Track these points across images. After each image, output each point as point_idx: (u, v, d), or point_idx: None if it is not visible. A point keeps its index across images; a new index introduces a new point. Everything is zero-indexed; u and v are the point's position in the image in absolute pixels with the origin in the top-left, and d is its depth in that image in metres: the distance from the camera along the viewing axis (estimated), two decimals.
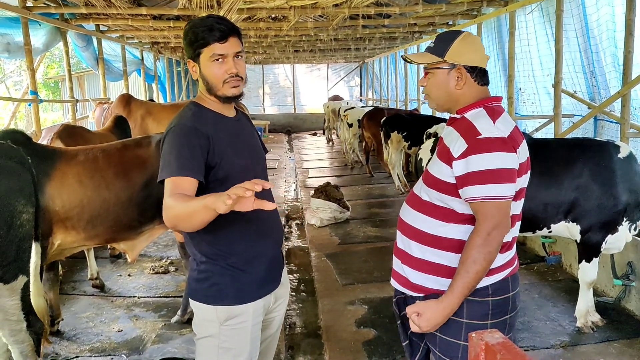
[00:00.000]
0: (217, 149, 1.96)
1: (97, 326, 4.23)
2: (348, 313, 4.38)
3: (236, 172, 1.99)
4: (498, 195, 1.78)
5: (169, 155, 1.91)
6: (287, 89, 23.29)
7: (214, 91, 2.01)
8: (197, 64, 2.00)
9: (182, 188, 1.85)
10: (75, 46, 8.74)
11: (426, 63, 1.95)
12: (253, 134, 2.25)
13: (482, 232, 1.79)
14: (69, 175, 3.54)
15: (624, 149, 3.76)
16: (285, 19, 8.86)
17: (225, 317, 2.01)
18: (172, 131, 1.96)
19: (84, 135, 5.45)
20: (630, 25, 4.89)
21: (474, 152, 1.79)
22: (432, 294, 1.92)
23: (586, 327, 3.87)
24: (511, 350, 0.93)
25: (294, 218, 8.07)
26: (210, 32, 1.93)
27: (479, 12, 8.29)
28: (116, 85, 14.16)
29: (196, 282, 2.06)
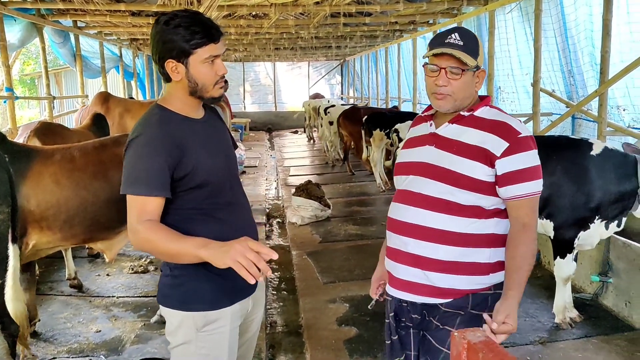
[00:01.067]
0: (189, 157, 1.86)
1: (75, 327, 4.17)
2: (329, 311, 4.37)
3: (212, 177, 1.93)
4: (539, 190, 1.90)
5: (135, 169, 1.81)
6: (268, 87, 23.21)
7: (201, 93, 1.90)
8: (183, 65, 1.84)
9: (150, 210, 1.80)
10: (52, 42, 8.59)
11: (473, 65, 1.88)
12: (223, 132, 2.14)
13: (533, 226, 1.88)
14: (45, 174, 3.47)
15: (597, 146, 3.78)
16: (265, 16, 8.82)
17: (202, 323, 1.93)
18: (139, 141, 1.84)
19: (61, 133, 5.36)
20: (607, 25, 4.95)
21: (518, 151, 1.85)
22: (462, 296, 1.92)
23: (564, 323, 3.91)
24: (493, 349, 0.93)
25: (275, 216, 8.04)
26: (207, 32, 1.82)
27: (459, 11, 8.33)
28: (94, 83, 13.96)
29: (170, 287, 1.97)
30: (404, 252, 1.98)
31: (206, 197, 1.92)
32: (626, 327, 3.93)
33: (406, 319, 2.05)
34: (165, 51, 1.83)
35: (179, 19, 1.81)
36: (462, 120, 1.95)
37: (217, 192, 1.95)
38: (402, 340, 2.10)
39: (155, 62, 1.90)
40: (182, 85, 1.89)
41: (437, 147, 1.97)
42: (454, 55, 1.87)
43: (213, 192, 1.94)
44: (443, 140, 1.97)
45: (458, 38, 1.89)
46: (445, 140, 1.96)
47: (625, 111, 5.63)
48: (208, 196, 1.93)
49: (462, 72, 1.89)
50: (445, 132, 1.98)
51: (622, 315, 4.07)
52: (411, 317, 2.03)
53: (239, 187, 2.11)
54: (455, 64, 1.88)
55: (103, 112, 7.13)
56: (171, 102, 1.94)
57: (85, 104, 9.06)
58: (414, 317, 2.02)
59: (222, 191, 1.97)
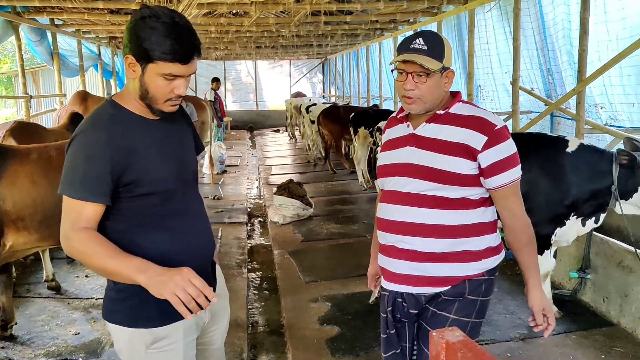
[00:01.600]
0: (138, 162, 1.72)
1: (53, 329, 4.10)
2: (311, 310, 4.36)
3: (163, 184, 1.79)
4: (520, 175, 2.01)
5: (74, 170, 1.69)
6: (250, 86, 23.13)
7: (149, 102, 1.75)
8: (140, 67, 1.70)
9: (87, 216, 1.68)
10: (29, 40, 8.45)
11: (437, 68, 1.93)
12: (182, 133, 1.97)
13: (521, 212, 2.04)
14: (21, 174, 3.42)
15: (573, 143, 3.80)
16: (246, 14, 8.77)
17: (151, 341, 1.79)
18: (83, 140, 1.70)
19: (38, 132, 5.29)
20: (584, 24, 5.01)
21: (497, 142, 1.94)
22: (459, 283, 2.02)
23: None
24: (472, 349, 0.93)
25: (256, 216, 8.01)
26: (179, 50, 1.66)
27: (439, 10, 8.39)
28: (72, 81, 13.79)
29: (115, 302, 1.82)
30: (398, 248, 2.05)
31: (155, 205, 1.79)
32: (604, 322, 3.98)
33: (401, 315, 2.12)
34: (130, 44, 1.69)
35: (159, 23, 1.65)
36: (439, 119, 2.01)
37: (168, 200, 1.82)
38: (399, 333, 2.17)
39: (123, 52, 1.77)
40: (135, 84, 1.75)
41: (417, 147, 2.02)
42: (420, 63, 1.92)
43: (163, 200, 1.81)
44: (423, 139, 2.02)
45: (422, 43, 1.95)
46: (425, 139, 2.01)
47: (603, 109, 5.71)
48: (157, 204, 1.80)
49: (428, 76, 1.94)
50: (423, 131, 2.03)
51: (600, 311, 4.12)
52: (408, 313, 2.10)
53: (193, 193, 1.97)
54: (420, 69, 1.93)
55: (81, 111, 7.05)
56: (127, 99, 1.80)
57: (63, 103, 8.95)
58: (411, 312, 2.09)
59: (173, 199, 1.84)
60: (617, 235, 4.42)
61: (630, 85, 5.21)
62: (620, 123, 5.46)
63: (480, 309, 2.08)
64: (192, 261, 1.81)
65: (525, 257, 2.05)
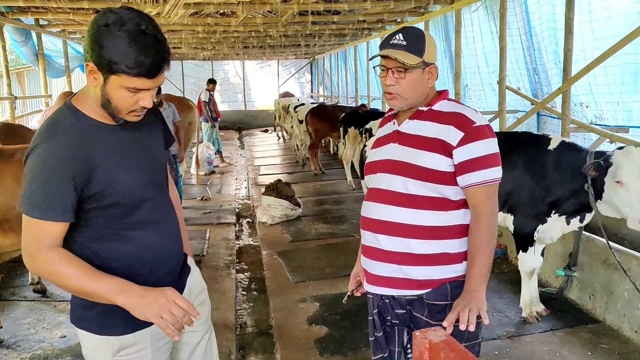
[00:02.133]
0: (101, 174, 1.63)
1: (39, 332, 4.07)
2: (299, 311, 4.36)
3: (128, 194, 1.71)
4: (497, 177, 1.93)
5: (32, 186, 1.57)
6: (238, 86, 23.05)
7: (112, 111, 1.64)
8: (102, 77, 1.56)
9: (50, 234, 1.58)
10: (13, 41, 8.37)
11: (415, 64, 1.92)
12: (150, 134, 1.85)
13: (488, 213, 1.92)
14: (5, 174, 3.39)
15: (554, 141, 3.82)
16: (233, 14, 8.75)
17: (117, 348, 1.74)
18: (40, 153, 1.58)
19: (22, 134, 5.24)
20: (569, 24, 5.04)
21: (473, 140, 1.89)
22: (440, 285, 1.97)
23: (531, 317, 3.97)
24: (454, 348, 0.93)
25: (245, 216, 8.00)
26: (142, 63, 1.53)
27: (426, 10, 8.41)
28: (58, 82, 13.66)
29: (81, 309, 1.76)
30: (377, 249, 2.02)
31: (120, 215, 1.71)
32: (590, 319, 4.02)
33: (391, 317, 2.08)
34: (91, 51, 1.54)
35: (124, 32, 1.51)
36: (422, 115, 2.01)
37: (134, 210, 1.74)
38: (387, 336, 2.14)
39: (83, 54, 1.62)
40: (95, 92, 1.62)
41: (400, 144, 2.02)
42: (395, 57, 1.92)
43: (129, 211, 1.72)
44: (405, 136, 2.02)
45: (402, 38, 1.96)
46: (407, 136, 2.01)
47: (588, 108, 5.75)
48: (123, 215, 1.71)
49: (406, 71, 1.94)
50: (406, 128, 2.03)
51: (586, 308, 4.15)
52: (396, 314, 2.06)
53: (163, 200, 1.88)
54: (399, 65, 1.93)
55: None
56: (86, 103, 1.67)
57: (49, 104, 8.87)
58: (398, 312, 2.05)
59: (140, 208, 1.75)
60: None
61: (614, 84, 5.24)
62: (605, 122, 5.50)
63: None
64: (160, 270, 1.80)
65: (479, 255, 1.89)
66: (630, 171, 3.32)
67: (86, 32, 1.58)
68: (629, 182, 3.31)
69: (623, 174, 3.33)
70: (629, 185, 3.32)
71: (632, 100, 5.18)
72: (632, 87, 5.12)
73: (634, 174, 3.31)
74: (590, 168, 3.45)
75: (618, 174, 3.35)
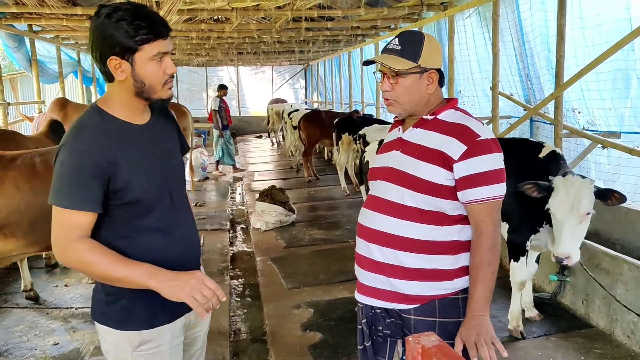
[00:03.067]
0: (122, 172, 1.70)
1: (31, 340, 4.04)
2: (294, 317, 4.35)
3: (149, 192, 1.78)
4: (499, 195, 1.84)
5: (62, 179, 1.66)
6: (232, 92, 23.03)
7: (148, 94, 1.74)
8: (128, 63, 1.67)
9: (81, 225, 1.66)
10: (6, 47, 8.35)
11: (405, 69, 1.87)
12: (169, 139, 1.96)
13: (490, 232, 1.83)
14: (6, 180, 3.42)
15: (545, 149, 3.74)
16: (227, 20, 8.78)
17: (137, 343, 1.80)
18: (68, 150, 1.68)
19: (16, 140, 5.21)
20: (561, 30, 5.08)
21: (476, 154, 1.81)
22: (429, 302, 1.92)
23: (515, 332, 3.86)
24: (447, 353, 0.93)
25: (239, 222, 7.99)
26: (153, 26, 1.66)
27: (419, 16, 8.45)
28: (52, 88, 13.64)
29: (104, 304, 1.82)
30: (368, 258, 1.98)
31: (141, 212, 1.78)
32: (583, 324, 4.03)
33: (382, 327, 2.03)
34: (107, 47, 1.65)
35: (122, 12, 1.63)
36: (426, 124, 1.94)
37: (154, 207, 1.80)
38: (376, 347, 2.09)
39: (96, 60, 1.72)
40: (126, 85, 1.72)
41: (402, 152, 1.96)
42: (383, 62, 1.89)
43: (149, 207, 1.79)
44: (407, 144, 1.96)
45: (397, 43, 1.92)
46: (409, 144, 1.95)
47: (580, 114, 5.79)
48: (143, 211, 1.78)
49: (398, 76, 1.90)
50: (409, 136, 1.97)
51: (580, 313, 4.16)
52: (387, 324, 2.02)
53: (180, 199, 1.94)
54: (392, 70, 1.89)
55: (61, 119, 6.97)
56: (111, 105, 1.77)
57: (42, 110, 8.85)
58: (388, 322, 2.01)
59: (160, 206, 1.82)
60: (595, 238, 4.48)
61: (606, 90, 5.29)
62: (597, 127, 5.54)
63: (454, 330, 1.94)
64: (184, 264, 1.84)
65: (480, 277, 1.83)
66: (559, 201, 3.22)
67: (91, 41, 1.69)
68: (556, 213, 3.24)
69: (553, 202, 3.25)
70: (556, 215, 3.25)
71: (624, 106, 5.22)
72: (624, 93, 5.16)
73: (562, 206, 3.21)
74: (530, 188, 3.33)
75: (551, 201, 3.26)
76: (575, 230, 3.21)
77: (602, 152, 5.35)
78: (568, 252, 3.18)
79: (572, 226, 3.19)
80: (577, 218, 3.17)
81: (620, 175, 5.41)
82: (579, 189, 3.16)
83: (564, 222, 3.20)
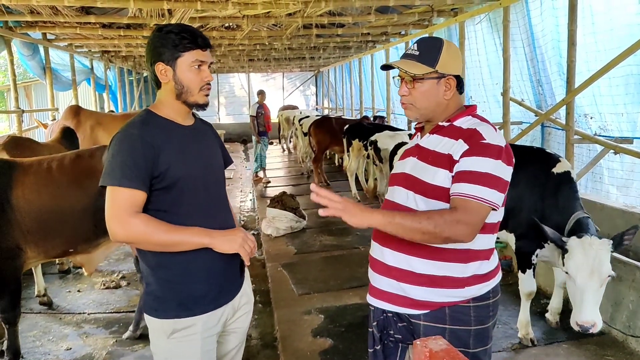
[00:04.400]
0: (163, 158, 1.90)
1: (45, 345, 4.08)
2: (304, 323, 4.35)
3: (184, 181, 1.95)
4: (486, 199, 1.76)
5: (114, 161, 1.87)
6: (243, 98, 23.18)
7: (186, 97, 1.99)
8: (171, 68, 1.96)
9: (133, 202, 1.84)
10: (21, 55, 8.46)
11: (422, 74, 1.89)
12: (211, 144, 2.18)
13: (455, 215, 1.74)
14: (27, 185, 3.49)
15: (561, 166, 3.66)
16: (238, 27, 8.83)
17: (170, 330, 1.96)
18: (117, 137, 1.92)
19: (30, 147, 5.30)
20: (572, 36, 5.06)
21: (476, 154, 1.80)
22: (439, 308, 1.91)
23: (525, 340, 3.82)
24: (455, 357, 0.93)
25: (250, 228, 8.01)
26: (195, 38, 1.96)
27: (430, 22, 8.45)
28: (65, 95, 13.77)
29: (146, 295, 2.03)
30: (381, 262, 1.99)
31: (176, 199, 1.95)
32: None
33: (394, 331, 2.03)
34: (157, 55, 1.96)
35: (171, 27, 1.96)
36: (441, 131, 1.95)
37: (190, 197, 1.98)
38: (386, 352, 2.09)
39: (148, 68, 2.00)
40: (169, 88, 1.99)
41: (418, 158, 1.98)
42: (399, 67, 1.91)
43: (185, 196, 1.96)
44: (423, 150, 1.97)
45: (415, 48, 1.95)
46: (424, 150, 1.97)
47: (593, 119, 5.75)
48: (178, 199, 1.95)
49: (415, 81, 1.92)
50: (426, 142, 1.99)
51: None
52: (399, 328, 2.01)
53: (218, 195, 2.13)
54: (409, 75, 1.92)
55: (74, 126, 7.07)
56: (160, 108, 2.03)
57: (55, 117, 8.94)
58: (400, 326, 2.00)
59: (197, 195, 2.00)
60: None
61: (618, 95, 5.25)
62: (609, 133, 5.50)
63: (479, 337, 1.94)
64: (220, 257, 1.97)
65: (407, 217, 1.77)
66: (577, 266, 3.08)
67: (146, 52, 2.02)
68: (575, 278, 3.10)
69: (570, 266, 3.12)
70: (575, 280, 3.10)
71: (637, 112, 5.18)
72: (637, 98, 5.13)
73: (581, 272, 3.06)
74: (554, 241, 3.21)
75: (567, 264, 3.13)
76: (597, 296, 3.06)
77: (614, 158, 5.31)
78: (593, 320, 3.02)
79: (594, 292, 3.04)
80: (599, 283, 3.03)
81: (633, 181, 5.37)
82: (597, 252, 3.03)
83: (585, 288, 3.05)
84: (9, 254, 3.43)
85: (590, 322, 3.03)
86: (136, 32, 8.57)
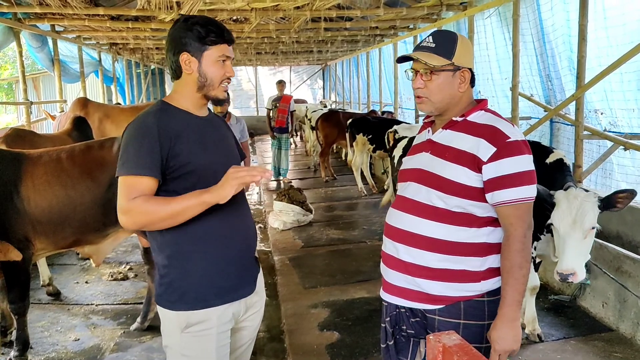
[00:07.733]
0: (180, 146, 1.89)
1: (53, 335, 4.11)
2: (311, 316, 4.36)
3: (202, 169, 1.94)
4: (529, 197, 1.83)
5: (125, 151, 1.86)
6: (250, 92, 23.19)
7: (207, 90, 1.99)
8: (197, 60, 1.95)
9: (140, 189, 1.81)
10: (30, 47, 8.47)
11: (440, 65, 1.89)
12: (226, 136, 2.17)
13: (519, 235, 1.82)
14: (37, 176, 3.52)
15: (554, 155, 3.65)
16: (246, 20, 8.81)
17: (185, 324, 1.93)
18: (130, 126, 1.92)
19: (31, 140, 5.26)
20: (583, 31, 5.02)
21: (506, 155, 1.80)
22: (454, 303, 1.91)
23: (532, 335, 3.82)
24: (468, 352, 0.93)
25: (256, 222, 8.02)
26: (222, 33, 1.97)
27: (438, 16, 8.41)
28: (73, 87, 13.81)
29: (159, 286, 1.99)
30: (395, 258, 1.99)
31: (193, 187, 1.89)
32: (603, 327, 3.98)
33: (407, 326, 2.03)
34: (182, 45, 1.94)
35: (197, 19, 1.96)
36: (455, 126, 1.95)
37: (207, 182, 1.90)
38: (398, 346, 2.09)
39: (169, 57, 1.98)
40: (191, 79, 1.98)
41: (431, 154, 1.97)
42: (417, 58, 1.91)
43: (203, 182, 1.90)
44: (437, 146, 1.96)
45: (431, 41, 1.94)
46: (439, 146, 1.96)
47: (603, 115, 5.71)
48: (196, 184, 1.90)
49: (432, 74, 1.91)
50: (439, 138, 1.98)
51: (599, 317, 4.11)
52: (411, 324, 2.01)
53: None
54: (425, 67, 1.91)
55: None
56: (176, 99, 2.02)
57: (64, 109, 8.96)
58: (412, 321, 2.00)
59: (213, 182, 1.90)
60: (616, 241, 4.43)
61: (630, 90, 5.21)
62: (620, 129, 5.46)
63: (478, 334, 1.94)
64: (238, 249, 1.99)
65: (511, 280, 1.81)
66: (561, 216, 3.09)
67: (167, 42, 1.99)
68: (559, 228, 3.11)
69: (555, 217, 3.12)
70: (559, 230, 3.11)
71: None
72: None
73: (564, 221, 3.08)
74: None
75: (553, 215, 3.13)
76: (580, 246, 3.05)
77: (625, 154, 5.28)
78: (572, 268, 3.00)
79: (576, 242, 3.04)
80: (581, 233, 3.03)
81: None
82: (582, 203, 3.05)
83: (567, 237, 3.06)
84: (18, 246, 3.44)
85: (569, 269, 3.01)
86: (144, 24, 8.57)
